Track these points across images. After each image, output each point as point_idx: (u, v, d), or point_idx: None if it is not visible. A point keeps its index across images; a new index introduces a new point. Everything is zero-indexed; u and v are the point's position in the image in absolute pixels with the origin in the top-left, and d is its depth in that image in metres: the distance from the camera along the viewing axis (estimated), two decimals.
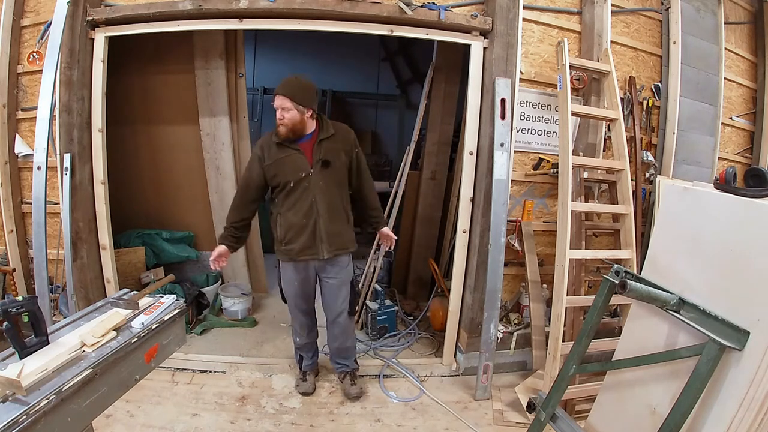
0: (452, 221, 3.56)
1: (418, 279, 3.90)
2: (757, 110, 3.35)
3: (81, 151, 2.53)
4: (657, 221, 1.71)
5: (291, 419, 2.29)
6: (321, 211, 2.15)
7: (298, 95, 2.07)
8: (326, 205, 2.16)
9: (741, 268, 1.26)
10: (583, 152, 2.76)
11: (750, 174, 1.38)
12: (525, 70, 2.68)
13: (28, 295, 1.35)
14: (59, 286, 2.73)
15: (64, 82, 2.43)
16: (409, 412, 2.41)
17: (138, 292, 1.57)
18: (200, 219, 3.60)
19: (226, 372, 2.66)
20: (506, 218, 2.52)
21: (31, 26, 2.67)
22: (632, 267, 2.43)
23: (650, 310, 1.53)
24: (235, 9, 2.42)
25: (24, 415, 0.95)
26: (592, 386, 2.17)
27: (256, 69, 7.41)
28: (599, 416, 1.72)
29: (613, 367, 1.66)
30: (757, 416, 1.16)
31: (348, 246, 2.30)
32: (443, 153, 3.74)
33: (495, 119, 2.47)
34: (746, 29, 3.30)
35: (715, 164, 3.09)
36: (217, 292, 3.43)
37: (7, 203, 2.68)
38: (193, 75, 3.33)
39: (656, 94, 2.93)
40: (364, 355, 2.93)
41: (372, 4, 2.42)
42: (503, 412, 2.42)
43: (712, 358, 1.20)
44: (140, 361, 1.34)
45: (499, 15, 2.49)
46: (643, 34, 2.93)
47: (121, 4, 2.54)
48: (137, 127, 3.45)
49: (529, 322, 2.74)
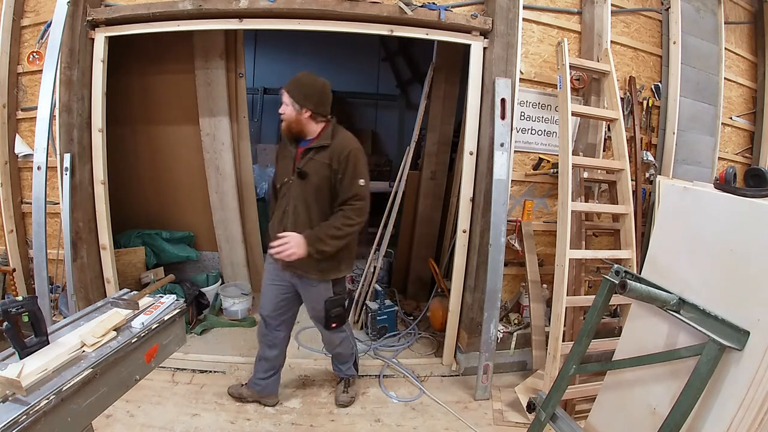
0: (452, 221, 3.56)
1: (418, 279, 3.90)
2: (757, 110, 3.35)
3: (81, 151, 2.53)
4: (657, 221, 1.71)
5: (291, 419, 2.29)
6: (289, 224, 2.02)
7: (296, 92, 1.96)
8: (295, 219, 2.01)
9: (741, 268, 1.26)
10: (583, 152, 2.76)
11: (750, 174, 1.38)
12: (525, 70, 2.68)
13: (28, 295, 1.35)
14: (59, 286, 2.73)
15: (64, 82, 2.44)
16: (409, 412, 2.41)
17: (138, 292, 1.57)
18: (200, 219, 3.60)
19: (226, 372, 2.66)
20: (506, 218, 2.52)
21: (31, 26, 2.67)
22: (632, 267, 2.43)
23: (650, 310, 1.53)
24: (235, 9, 2.42)
25: (24, 415, 0.95)
26: (592, 386, 2.17)
27: (256, 69, 7.42)
28: (599, 416, 1.72)
29: (613, 367, 1.66)
30: (757, 416, 1.16)
31: (308, 272, 2.05)
32: (443, 153, 3.74)
33: (495, 119, 2.47)
34: (746, 29, 3.30)
35: (715, 164, 3.09)
36: (217, 292, 3.43)
37: (7, 203, 2.68)
38: (193, 75, 3.32)
39: (656, 94, 2.93)
40: (364, 355, 2.93)
41: (372, 4, 2.42)
42: (503, 412, 2.42)
43: (712, 358, 1.20)
44: (140, 361, 1.34)
45: (499, 15, 2.49)
46: (643, 34, 2.93)
47: (121, 4, 2.54)
48: (137, 127, 3.45)
49: (529, 322, 2.74)
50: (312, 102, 1.97)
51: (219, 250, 3.62)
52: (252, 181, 3.73)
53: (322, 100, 2.00)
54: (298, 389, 2.55)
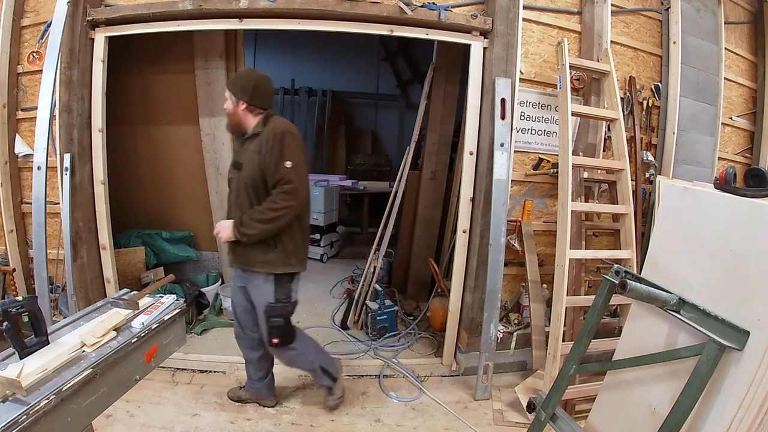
0: (452, 221, 3.56)
1: (418, 279, 3.90)
2: (757, 110, 3.36)
3: (81, 151, 2.54)
4: (657, 221, 1.71)
5: (291, 419, 2.29)
6: (233, 217, 1.99)
7: (233, 86, 1.99)
8: (238, 211, 1.98)
9: (741, 268, 1.26)
10: (583, 152, 2.76)
11: (750, 174, 1.38)
12: (525, 70, 2.68)
13: (28, 295, 1.35)
14: (59, 286, 2.73)
15: (64, 82, 2.44)
16: (409, 412, 2.41)
17: (138, 292, 1.57)
18: (200, 219, 3.60)
19: (226, 372, 2.66)
20: (506, 218, 2.52)
21: (31, 26, 2.67)
22: (632, 267, 2.43)
23: (650, 310, 1.53)
24: (235, 9, 2.42)
25: (24, 415, 0.95)
26: (592, 386, 2.17)
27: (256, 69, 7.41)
28: (599, 416, 1.72)
29: (613, 367, 1.66)
30: (757, 416, 1.16)
31: (253, 264, 1.99)
32: (443, 153, 3.74)
33: (495, 119, 2.47)
34: (746, 29, 3.30)
35: (715, 164, 3.09)
36: (217, 292, 3.43)
37: (7, 203, 2.69)
38: (193, 75, 3.32)
39: (656, 94, 2.93)
40: (364, 355, 2.93)
41: (372, 4, 2.42)
42: (503, 412, 2.42)
43: (712, 358, 1.20)
44: (140, 361, 1.34)
45: (499, 15, 2.49)
46: (643, 34, 2.93)
47: (121, 4, 2.54)
48: (137, 127, 3.45)
49: (529, 322, 2.74)
50: (247, 94, 1.96)
51: (219, 250, 3.62)
52: None
53: (258, 93, 1.98)
54: (298, 389, 2.55)
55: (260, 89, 2.00)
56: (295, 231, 2.01)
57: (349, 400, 2.46)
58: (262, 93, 2.01)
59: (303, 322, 3.42)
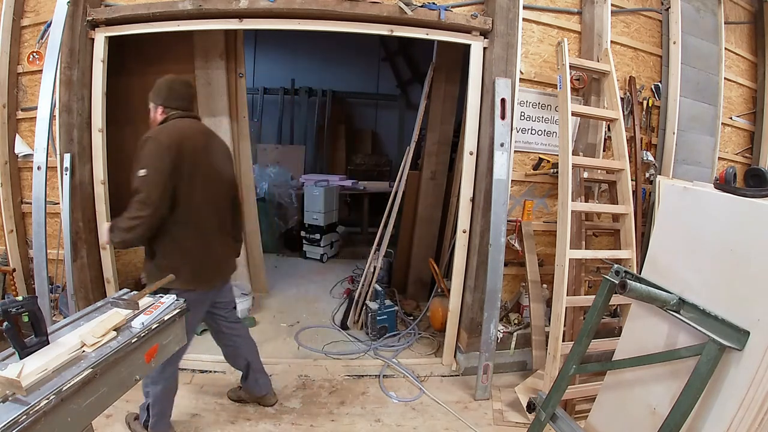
0: (452, 221, 3.56)
1: (418, 279, 3.90)
2: (757, 110, 3.36)
3: (81, 151, 2.54)
4: (657, 221, 1.71)
5: (291, 419, 2.29)
6: None
7: (151, 92, 1.95)
8: None
9: (741, 268, 1.26)
10: (583, 152, 2.76)
11: (750, 174, 1.38)
12: (525, 70, 2.68)
13: (28, 295, 1.35)
14: (59, 286, 2.73)
15: (64, 82, 2.44)
16: (409, 412, 2.41)
17: (138, 292, 1.57)
18: None
19: (227, 372, 2.66)
20: (506, 218, 2.52)
21: (31, 26, 2.67)
22: (632, 267, 2.43)
23: (650, 310, 1.53)
24: (235, 9, 2.42)
25: (24, 415, 0.95)
26: (592, 386, 2.17)
27: (256, 69, 7.42)
28: (599, 416, 1.72)
29: (613, 367, 1.66)
30: (757, 416, 1.16)
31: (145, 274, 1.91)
32: (443, 153, 3.75)
33: (495, 119, 2.47)
34: (746, 29, 3.30)
35: (715, 164, 3.09)
36: None
37: (7, 203, 2.68)
38: (193, 75, 3.33)
39: (656, 94, 2.93)
40: (364, 355, 2.93)
41: (372, 4, 2.42)
42: (503, 412, 2.42)
43: (712, 358, 1.20)
44: (140, 361, 1.34)
45: (499, 15, 2.49)
46: (643, 34, 2.93)
47: (121, 4, 2.54)
48: (137, 127, 3.44)
49: (529, 322, 2.75)
50: (161, 97, 1.93)
51: None
52: (252, 181, 3.74)
53: (171, 95, 1.93)
54: (298, 389, 2.55)
55: (173, 91, 1.93)
56: (168, 244, 1.85)
57: (349, 400, 2.47)
58: (175, 95, 1.93)
59: (303, 322, 3.42)
